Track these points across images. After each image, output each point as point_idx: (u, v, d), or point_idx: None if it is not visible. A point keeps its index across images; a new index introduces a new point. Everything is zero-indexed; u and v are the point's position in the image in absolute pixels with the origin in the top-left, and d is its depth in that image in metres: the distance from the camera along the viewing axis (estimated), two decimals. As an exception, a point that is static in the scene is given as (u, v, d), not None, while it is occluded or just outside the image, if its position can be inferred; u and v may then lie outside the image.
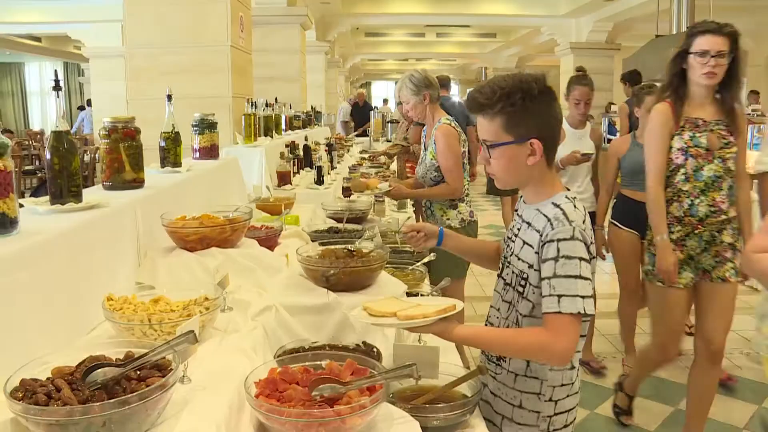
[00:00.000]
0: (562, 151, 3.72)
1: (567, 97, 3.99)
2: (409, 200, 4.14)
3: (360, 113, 12.39)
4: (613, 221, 3.78)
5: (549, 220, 1.51)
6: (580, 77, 4.00)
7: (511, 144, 1.54)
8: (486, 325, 1.75)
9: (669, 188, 2.77)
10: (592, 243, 1.51)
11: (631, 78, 7.13)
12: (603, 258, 3.97)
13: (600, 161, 4.07)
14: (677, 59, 2.74)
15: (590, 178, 4.02)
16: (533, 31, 15.14)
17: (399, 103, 3.54)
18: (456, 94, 27.22)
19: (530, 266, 1.55)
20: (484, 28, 17.22)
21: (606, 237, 3.83)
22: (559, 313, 1.42)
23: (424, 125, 3.56)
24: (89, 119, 16.36)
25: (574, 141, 3.92)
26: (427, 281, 2.41)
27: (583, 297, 1.43)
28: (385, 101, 20.66)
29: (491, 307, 1.74)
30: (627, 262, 3.80)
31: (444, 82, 6.73)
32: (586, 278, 1.45)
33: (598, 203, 3.87)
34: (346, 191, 3.90)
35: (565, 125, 3.80)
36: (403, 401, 1.48)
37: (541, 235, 1.52)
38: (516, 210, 1.73)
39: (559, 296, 1.43)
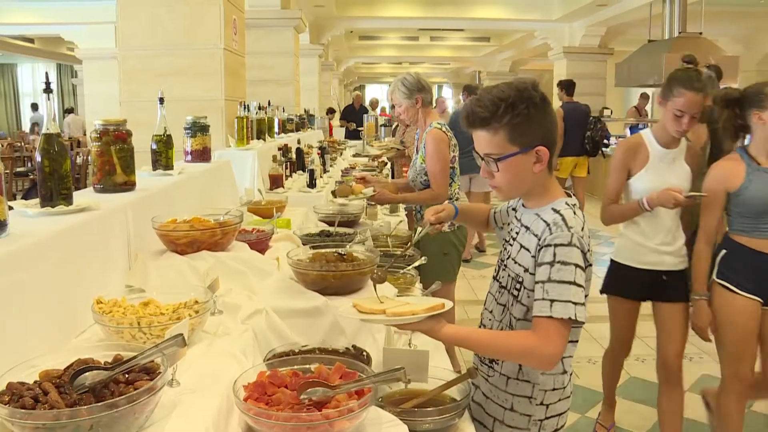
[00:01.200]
0: (645, 183, 2.70)
1: (662, 101, 2.65)
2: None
3: (356, 115, 12.43)
4: (720, 282, 2.63)
5: (548, 225, 1.52)
6: (691, 76, 2.60)
7: (518, 154, 1.52)
8: (480, 327, 1.76)
9: None
10: (589, 251, 1.52)
11: (568, 87, 8.15)
12: (707, 339, 2.71)
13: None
14: None
15: (680, 218, 2.78)
16: (527, 36, 15.20)
17: (392, 106, 3.55)
18: (450, 97, 27.32)
19: (526, 270, 1.56)
20: (478, 32, 17.27)
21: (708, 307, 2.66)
22: (550, 317, 1.43)
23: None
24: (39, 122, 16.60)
25: (662, 166, 2.70)
26: (418, 285, 2.42)
27: (575, 303, 1.43)
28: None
29: (485, 309, 1.75)
30: (743, 342, 2.61)
31: (472, 90, 6.98)
32: (579, 285, 1.45)
33: (697, 259, 2.67)
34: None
35: (648, 140, 2.73)
36: (392, 405, 1.48)
37: (539, 240, 1.52)
38: (515, 214, 1.74)
39: (552, 301, 1.43)
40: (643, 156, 2.72)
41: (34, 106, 18.24)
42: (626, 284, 2.88)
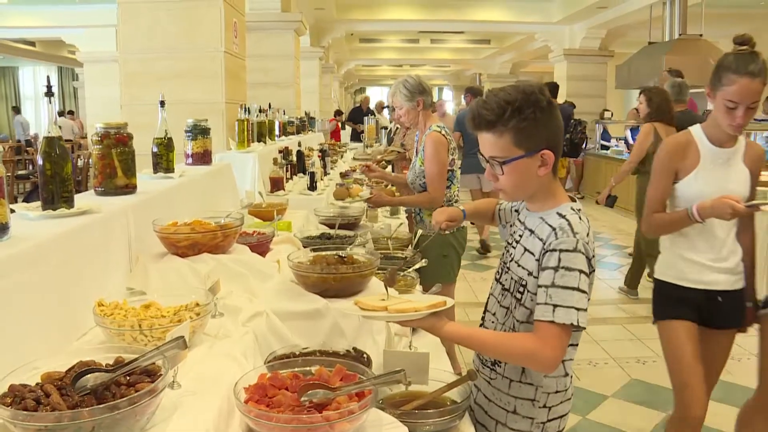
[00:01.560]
0: (695, 188, 2.31)
1: (710, 92, 2.25)
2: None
3: (363, 117, 12.53)
4: None
5: (554, 229, 1.51)
6: (745, 59, 2.15)
7: (523, 158, 1.52)
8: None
9: None
10: (594, 257, 1.52)
11: (552, 89, 8.34)
12: None
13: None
14: None
15: (735, 234, 2.37)
16: (527, 38, 15.23)
17: (392, 108, 3.55)
18: (451, 99, 27.35)
19: (530, 273, 1.56)
20: (478, 34, 17.30)
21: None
22: (552, 322, 1.43)
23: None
24: (19, 125, 16.65)
25: (715, 168, 2.30)
26: (418, 287, 2.42)
27: (578, 309, 1.43)
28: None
29: (486, 311, 1.75)
30: None
31: (476, 92, 7.28)
32: (583, 291, 1.45)
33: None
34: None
35: (698, 137, 2.34)
36: (392, 407, 1.48)
37: (543, 244, 1.52)
38: (518, 216, 1.74)
39: (555, 306, 1.43)
40: (693, 156, 2.33)
41: (16, 110, 18.21)
42: (678, 304, 2.41)
